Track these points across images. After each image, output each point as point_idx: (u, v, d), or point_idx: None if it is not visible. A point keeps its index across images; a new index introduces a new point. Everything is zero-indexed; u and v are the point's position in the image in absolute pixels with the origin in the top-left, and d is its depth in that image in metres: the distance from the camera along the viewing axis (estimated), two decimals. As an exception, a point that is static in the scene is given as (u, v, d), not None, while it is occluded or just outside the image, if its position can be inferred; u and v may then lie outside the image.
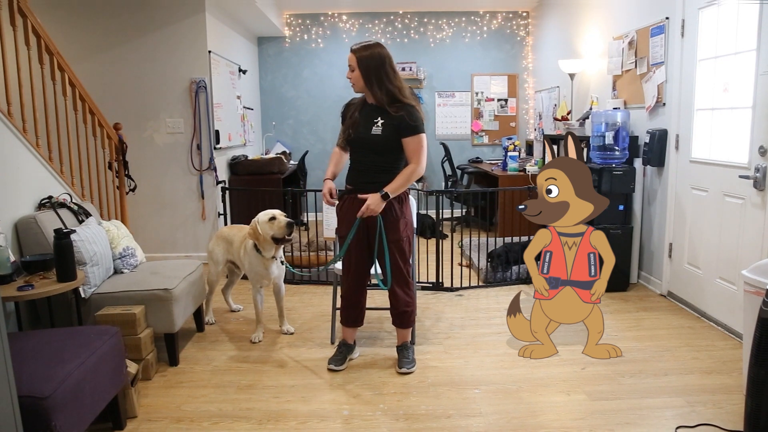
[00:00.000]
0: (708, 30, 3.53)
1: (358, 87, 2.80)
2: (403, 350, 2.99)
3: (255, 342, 3.34)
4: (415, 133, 2.71)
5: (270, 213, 3.17)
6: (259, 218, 3.17)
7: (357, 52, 2.74)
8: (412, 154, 2.73)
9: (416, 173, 2.74)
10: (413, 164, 2.73)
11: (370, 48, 2.73)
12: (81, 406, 2.05)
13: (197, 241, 5.33)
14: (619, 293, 4.13)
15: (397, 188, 2.72)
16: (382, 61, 2.72)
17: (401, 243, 2.81)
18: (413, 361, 2.97)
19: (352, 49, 2.77)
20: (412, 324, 3.02)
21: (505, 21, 7.37)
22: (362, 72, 2.72)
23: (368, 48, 2.73)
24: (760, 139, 3.04)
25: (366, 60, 2.71)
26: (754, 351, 2.03)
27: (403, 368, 2.91)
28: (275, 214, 3.16)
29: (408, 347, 3.01)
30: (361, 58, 2.72)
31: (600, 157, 4.20)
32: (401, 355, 2.98)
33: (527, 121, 7.52)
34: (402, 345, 3.01)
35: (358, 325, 3.06)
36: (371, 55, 2.71)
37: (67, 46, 4.69)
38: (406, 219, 2.85)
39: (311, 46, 7.34)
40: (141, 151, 5.11)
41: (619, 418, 2.45)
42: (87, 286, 2.92)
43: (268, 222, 3.13)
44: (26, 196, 3.12)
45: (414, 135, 2.71)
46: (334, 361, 2.98)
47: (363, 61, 2.71)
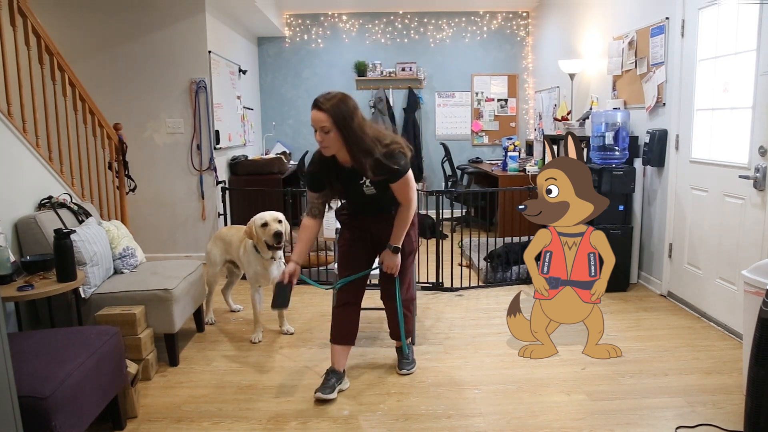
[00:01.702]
0: (708, 30, 3.53)
1: (334, 149, 2.43)
2: (402, 351, 2.99)
3: (255, 342, 3.34)
4: (400, 177, 2.48)
5: (265, 217, 3.17)
6: (255, 220, 3.18)
7: (329, 111, 2.33)
8: (402, 196, 2.56)
9: (410, 215, 2.60)
10: (405, 206, 2.57)
11: (340, 101, 2.36)
12: (81, 406, 2.05)
13: (197, 241, 5.33)
14: (619, 293, 4.13)
15: (400, 236, 2.62)
16: (351, 117, 2.37)
17: (413, 255, 2.82)
18: (413, 362, 2.96)
19: (318, 106, 2.35)
20: (409, 334, 3.02)
21: (505, 21, 7.37)
22: (342, 133, 2.36)
23: (339, 102, 2.36)
24: (760, 139, 3.04)
25: (342, 115, 2.35)
26: (754, 351, 2.03)
27: (403, 369, 2.91)
28: (268, 220, 3.16)
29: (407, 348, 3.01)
30: (337, 118, 2.34)
31: (600, 157, 4.20)
32: (401, 356, 2.97)
33: (527, 121, 7.52)
34: (400, 347, 3.00)
35: (349, 344, 2.76)
36: (346, 111, 2.36)
37: (67, 46, 4.69)
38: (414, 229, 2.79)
39: (311, 46, 7.34)
40: (141, 151, 5.11)
41: (619, 418, 2.45)
42: (87, 286, 2.92)
43: (261, 227, 3.15)
44: (26, 196, 3.12)
45: (399, 179, 2.49)
46: (322, 389, 2.61)
47: (339, 121, 2.34)
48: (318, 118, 2.35)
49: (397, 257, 2.65)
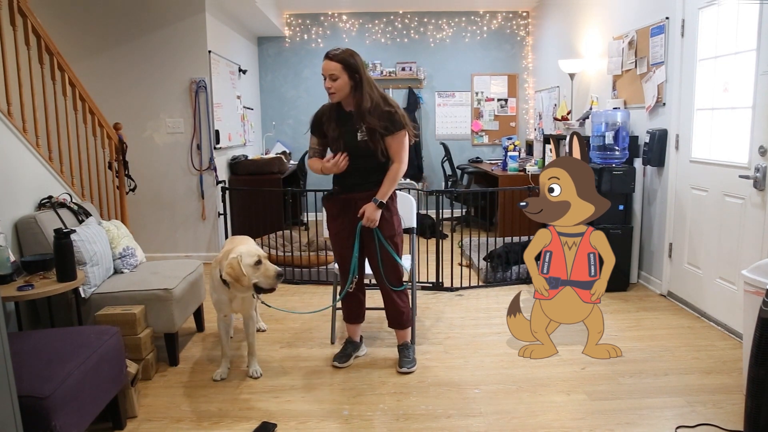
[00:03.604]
0: (708, 30, 3.53)
1: (341, 95, 2.66)
2: (404, 350, 2.99)
3: (217, 380, 2.84)
4: (397, 131, 2.69)
5: (254, 254, 2.61)
6: (243, 257, 2.57)
7: (340, 59, 2.60)
8: (395, 153, 2.73)
9: (400, 172, 2.75)
10: (396, 164, 2.74)
11: (350, 54, 2.63)
12: (81, 406, 2.05)
13: (197, 241, 5.33)
14: (619, 293, 4.13)
15: (387, 192, 2.74)
16: (363, 66, 2.66)
17: (396, 239, 2.85)
18: (413, 361, 2.97)
19: (332, 57, 2.61)
20: (409, 324, 3.02)
21: (505, 21, 7.36)
22: (351, 78, 2.62)
23: (349, 54, 2.63)
24: (760, 139, 3.04)
25: (353, 66, 2.61)
26: (754, 351, 2.03)
27: (404, 368, 2.91)
28: (260, 257, 2.61)
29: (408, 347, 3.02)
30: (347, 65, 2.60)
31: (600, 157, 4.20)
32: (402, 354, 2.98)
33: (527, 121, 7.52)
34: (402, 344, 3.01)
35: (360, 321, 3.08)
36: (356, 62, 2.62)
37: (67, 46, 4.69)
38: (398, 215, 2.90)
39: (311, 46, 7.34)
40: (141, 151, 5.10)
41: (619, 418, 2.45)
42: (87, 286, 2.92)
43: (253, 266, 2.58)
44: (26, 196, 3.12)
45: (395, 133, 2.69)
46: (338, 358, 3.01)
47: (349, 67, 2.61)
48: (328, 67, 2.61)
49: (378, 212, 2.73)
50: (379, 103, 2.67)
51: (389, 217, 2.82)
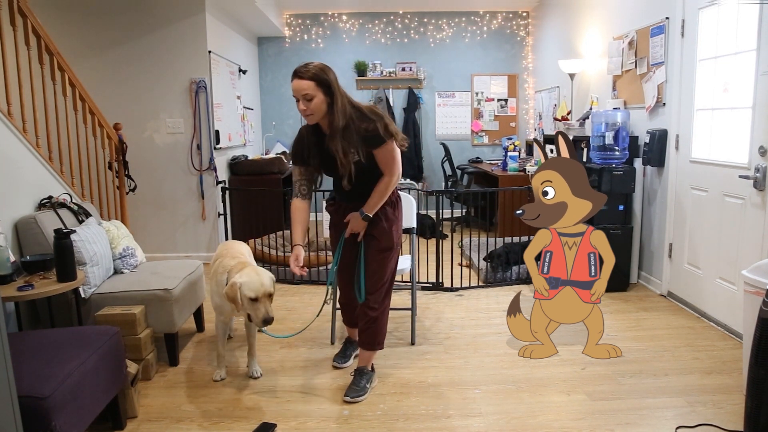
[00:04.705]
0: (708, 30, 3.53)
1: (319, 116, 2.43)
2: (360, 375, 2.70)
3: (217, 380, 2.85)
4: (382, 142, 2.45)
5: (255, 289, 2.46)
6: (243, 287, 2.46)
7: (312, 76, 2.36)
8: (384, 165, 2.51)
9: (392, 184, 2.54)
10: (387, 176, 2.52)
11: (321, 69, 2.39)
12: (81, 406, 2.05)
13: (197, 241, 5.33)
14: (619, 293, 4.13)
15: (374, 205, 2.55)
16: (336, 81, 2.42)
17: (390, 253, 2.64)
18: (364, 389, 2.65)
19: (302, 75, 2.36)
20: (378, 346, 2.72)
21: (505, 21, 7.37)
22: (327, 95, 2.39)
23: (320, 69, 2.39)
24: (760, 139, 3.04)
25: (326, 82, 2.38)
26: (754, 351, 2.03)
27: (347, 396, 2.61)
28: (259, 294, 2.46)
29: (364, 373, 2.71)
30: (321, 82, 2.37)
31: (600, 157, 4.20)
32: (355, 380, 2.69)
33: (527, 121, 7.52)
34: (360, 369, 2.72)
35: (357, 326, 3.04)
36: (329, 78, 2.39)
37: (67, 46, 4.69)
38: (399, 223, 2.71)
39: (311, 46, 7.34)
40: (141, 151, 5.11)
41: (619, 418, 2.45)
42: (87, 286, 2.92)
43: (249, 300, 2.46)
44: (26, 196, 3.12)
45: (381, 145, 2.45)
46: (338, 358, 3.02)
47: (323, 84, 2.37)
48: (300, 87, 2.36)
49: (363, 224, 2.58)
50: (355, 118, 2.43)
51: (388, 227, 2.62)
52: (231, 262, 2.71)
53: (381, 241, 2.62)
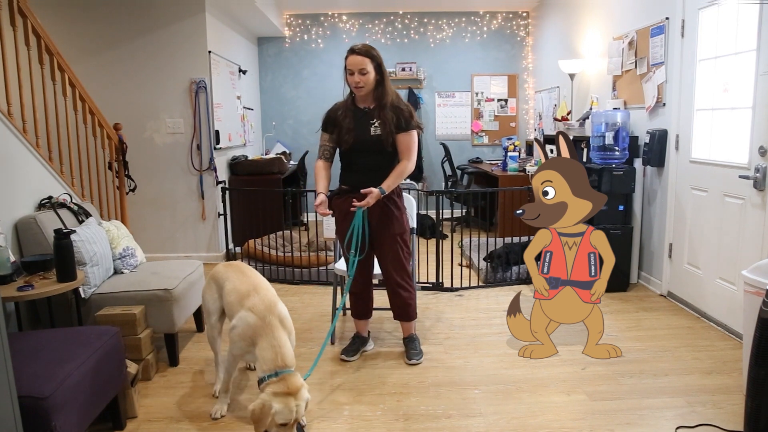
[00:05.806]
0: (708, 30, 3.53)
1: (368, 89, 2.79)
2: (410, 342, 3.06)
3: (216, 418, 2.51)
4: (410, 129, 2.80)
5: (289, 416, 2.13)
6: (276, 414, 2.12)
7: (367, 53, 2.75)
8: (405, 150, 2.81)
9: (408, 170, 2.82)
10: (405, 161, 2.81)
11: (374, 50, 2.80)
12: (81, 406, 2.05)
13: (197, 241, 5.33)
14: (619, 293, 4.13)
15: (391, 185, 2.79)
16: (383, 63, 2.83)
17: (405, 235, 2.91)
18: (421, 353, 3.05)
19: (360, 52, 2.75)
20: (415, 316, 3.08)
21: (505, 21, 7.37)
22: (377, 73, 2.77)
23: (374, 50, 2.80)
24: (760, 139, 3.04)
25: (378, 60, 2.77)
26: (754, 351, 2.03)
27: (412, 360, 2.99)
28: (290, 422, 2.14)
29: (414, 338, 3.10)
30: (374, 59, 2.76)
31: (600, 157, 4.20)
32: (408, 347, 3.05)
33: (527, 121, 7.52)
34: (408, 337, 3.08)
35: (368, 317, 3.14)
36: (379, 56, 2.79)
37: (67, 47, 4.69)
38: (406, 214, 2.97)
39: (311, 46, 7.34)
40: (141, 151, 5.10)
41: (619, 418, 2.45)
42: (87, 287, 2.92)
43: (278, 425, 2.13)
44: (26, 196, 3.12)
45: (408, 131, 2.80)
46: (346, 351, 3.07)
47: (376, 60, 2.76)
48: (357, 61, 2.73)
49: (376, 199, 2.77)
50: (395, 100, 2.81)
51: (399, 215, 2.89)
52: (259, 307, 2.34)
53: (395, 226, 2.87)
